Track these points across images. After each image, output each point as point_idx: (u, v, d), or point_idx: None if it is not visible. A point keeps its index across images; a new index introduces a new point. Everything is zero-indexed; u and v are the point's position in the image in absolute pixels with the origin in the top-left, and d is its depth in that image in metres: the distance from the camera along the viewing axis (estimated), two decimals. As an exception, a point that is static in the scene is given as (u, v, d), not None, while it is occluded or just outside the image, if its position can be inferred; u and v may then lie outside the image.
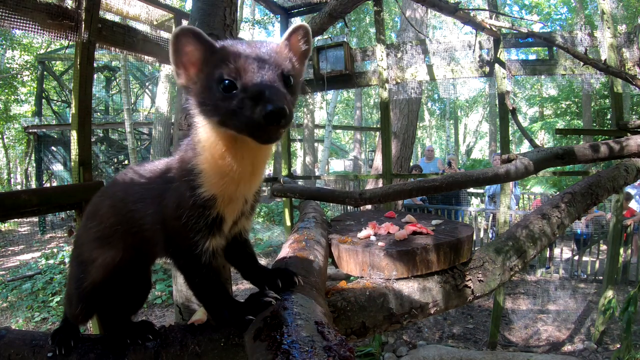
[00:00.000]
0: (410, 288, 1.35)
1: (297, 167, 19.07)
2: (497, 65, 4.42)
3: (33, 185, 14.07)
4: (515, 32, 4.32)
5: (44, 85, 14.66)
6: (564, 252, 6.97)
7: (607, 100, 14.61)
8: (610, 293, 4.39)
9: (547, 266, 6.90)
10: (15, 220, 11.44)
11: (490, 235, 7.55)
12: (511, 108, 3.70)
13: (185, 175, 0.88)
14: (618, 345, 4.30)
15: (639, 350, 3.93)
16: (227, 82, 0.74)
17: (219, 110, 0.76)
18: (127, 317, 1.19)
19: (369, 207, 4.27)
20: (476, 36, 4.56)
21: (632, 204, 7.25)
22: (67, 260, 7.50)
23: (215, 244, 0.92)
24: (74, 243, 1.18)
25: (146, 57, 3.61)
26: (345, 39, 5.16)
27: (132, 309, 1.22)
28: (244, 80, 0.73)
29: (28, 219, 13.17)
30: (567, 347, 4.76)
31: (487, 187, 7.73)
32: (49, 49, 15.51)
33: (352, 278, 1.45)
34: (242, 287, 6.43)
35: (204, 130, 0.85)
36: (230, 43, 0.79)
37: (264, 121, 0.68)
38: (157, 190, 0.96)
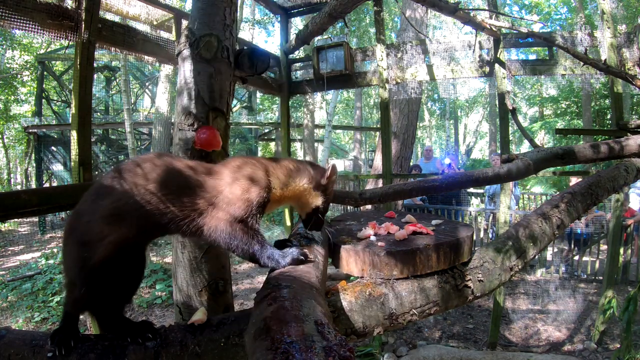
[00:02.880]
0: (410, 288, 1.35)
1: (297, 167, 18.98)
2: (497, 65, 4.42)
3: (33, 185, 14.05)
4: (515, 32, 4.32)
5: (44, 85, 14.64)
6: (563, 252, 6.97)
7: (607, 100, 14.60)
8: (610, 293, 4.39)
9: (547, 266, 6.90)
10: (15, 220, 11.43)
11: (490, 235, 7.55)
12: (511, 108, 3.70)
13: (262, 182, 1.31)
14: (618, 345, 4.30)
15: (639, 350, 3.93)
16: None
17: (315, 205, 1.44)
18: (122, 306, 1.25)
19: (369, 207, 4.27)
20: (476, 36, 4.55)
21: (632, 204, 7.24)
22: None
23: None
24: (70, 227, 1.19)
25: (146, 57, 3.60)
26: (345, 39, 5.16)
27: (128, 293, 1.28)
28: (326, 208, 1.48)
29: (28, 219, 13.17)
30: (567, 347, 4.76)
31: (487, 187, 7.73)
32: (49, 49, 15.50)
33: (352, 278, 1.45)
34: (242, 288, 6.44)
35: (297, 187, 1.40)
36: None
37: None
38: (219, 184, 1.27)
